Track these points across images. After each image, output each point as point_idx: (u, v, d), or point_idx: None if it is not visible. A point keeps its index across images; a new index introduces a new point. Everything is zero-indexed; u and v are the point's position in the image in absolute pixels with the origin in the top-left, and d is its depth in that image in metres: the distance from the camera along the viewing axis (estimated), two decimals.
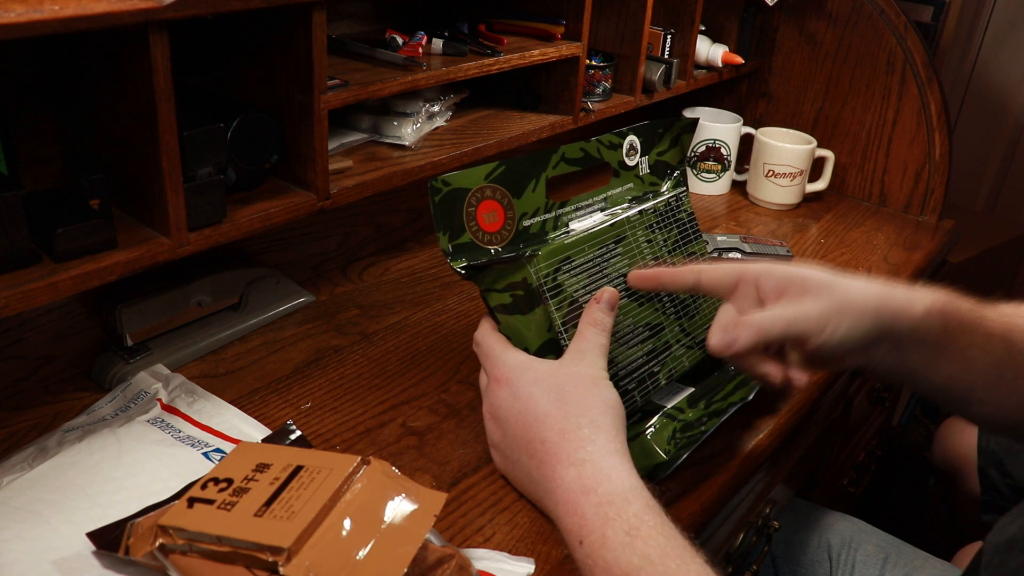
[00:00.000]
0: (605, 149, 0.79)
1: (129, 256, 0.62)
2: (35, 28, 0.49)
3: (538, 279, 0.68)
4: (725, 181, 1.32)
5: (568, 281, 0.69)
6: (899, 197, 1.30)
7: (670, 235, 0.80)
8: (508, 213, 0.71)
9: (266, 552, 0.48)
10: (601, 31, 1.09)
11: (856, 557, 0.97)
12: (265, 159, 0.72)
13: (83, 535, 0.55)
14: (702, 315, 0.78)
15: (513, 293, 0.68)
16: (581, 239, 0.72)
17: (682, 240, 0.81)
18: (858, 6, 1.25)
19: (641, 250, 0.77)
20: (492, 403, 0.65)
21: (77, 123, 0.67)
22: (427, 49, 0.88)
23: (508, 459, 0.65)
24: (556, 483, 0.57)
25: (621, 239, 0.76)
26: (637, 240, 0.77)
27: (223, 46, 0.74)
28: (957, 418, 1.38)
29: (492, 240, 0.69)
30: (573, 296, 0.69)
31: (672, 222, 0.81)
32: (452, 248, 0.67)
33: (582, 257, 0.71)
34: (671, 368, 0.73)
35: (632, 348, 0.71)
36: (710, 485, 0.69)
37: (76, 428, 0.67)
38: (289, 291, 0.89)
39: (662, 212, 0.80)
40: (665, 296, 0.75)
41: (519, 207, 0.72)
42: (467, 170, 0.69)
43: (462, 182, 0.68)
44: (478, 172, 0.70)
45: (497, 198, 0.71)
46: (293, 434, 0.67)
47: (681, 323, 0.76)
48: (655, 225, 0.79)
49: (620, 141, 0.80)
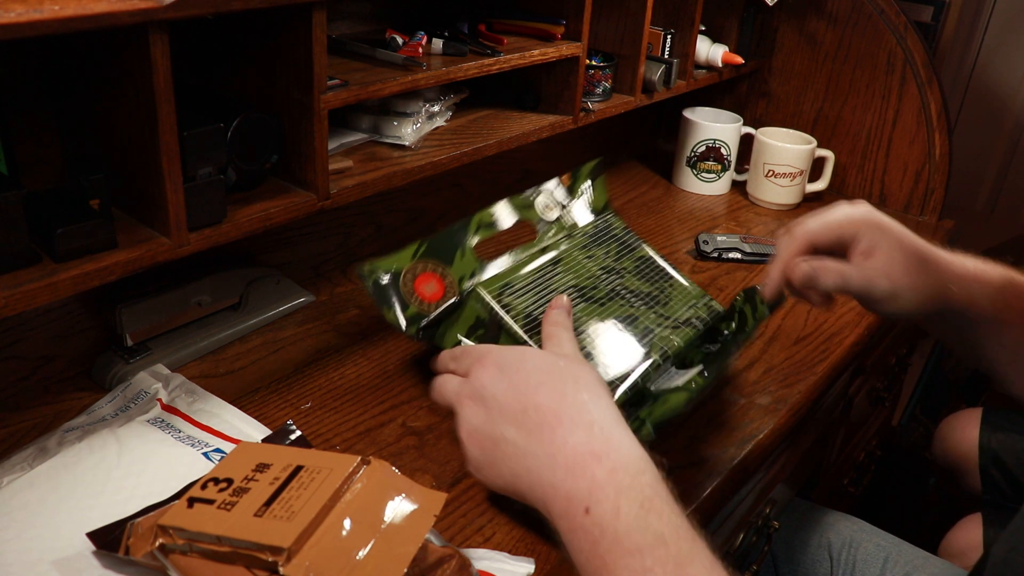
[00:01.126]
0: (522, 209, 0.84)
1: (129, 256, 0.62)
2: (35, 28, 0.49)
3: (488, 308, 0.71)
4: (725, 181, 1.32)
5: (516, 301, 0.72)
6: (899, 197, 1.30)
7: (610, 248, 0.84)
8: (447, 280, 0.76)
9: (266, 552, 0.48)
10: (601, 31, 1.09)
11: (856, 557, 0.97)
12: (265, 159, 0.72)
13: (83, 535, 0.55)
14: (675, 301, 0.80)
15: (476, 335, 0.72)
16: (515, 266, 0.77)
17: (624, 249, 0.85)
18: (858, 6, 1.25)
19: (583, 264, 0.80)
20: (475, 386, 0.59)
21: (77, 123, 0.67)
22: (427, 49, 0.88)
23: (488, 440, 0.57)
24: (558, 446, 0.53)
25: (558, 261, 0.80)
26: (575, 258, 0.81)
27: (223, 46, 0.74)
28: (958, 416, 1.38)
29: (438, 306, 0.73)
30: (527, 312, 0.72)
31: (607, 238, 0.85)
32: (404, 320, 0.72)
33: (522, 282, 0.75)
34: (662, 348, 0.74)
35: (609, 337, 0.72)
36: (710, 485, 0.69)
37: (76, 428, 0.67)
38: (289, 291, 0.89)
39: (591, 234, 0.85)
40: (627, 292, 0.78)
41: (454, 272, 0.76)
42: (393, 255, 0.75)
43: (391, 265, 0.74)
44: (404, 253, 0.75)
45: (430, 269, 0.75)
46: (293, 434, 0.67)
47: (655, 310, 0.78)
48: (590, 244, 0.84)
49: (531, 201, 0.84)
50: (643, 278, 0.82)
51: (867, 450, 1.41)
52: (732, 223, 1.22)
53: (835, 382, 0.90)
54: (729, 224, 1.21)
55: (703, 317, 0.79)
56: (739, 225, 1.21)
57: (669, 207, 1.26)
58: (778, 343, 0.90)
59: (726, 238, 1.10)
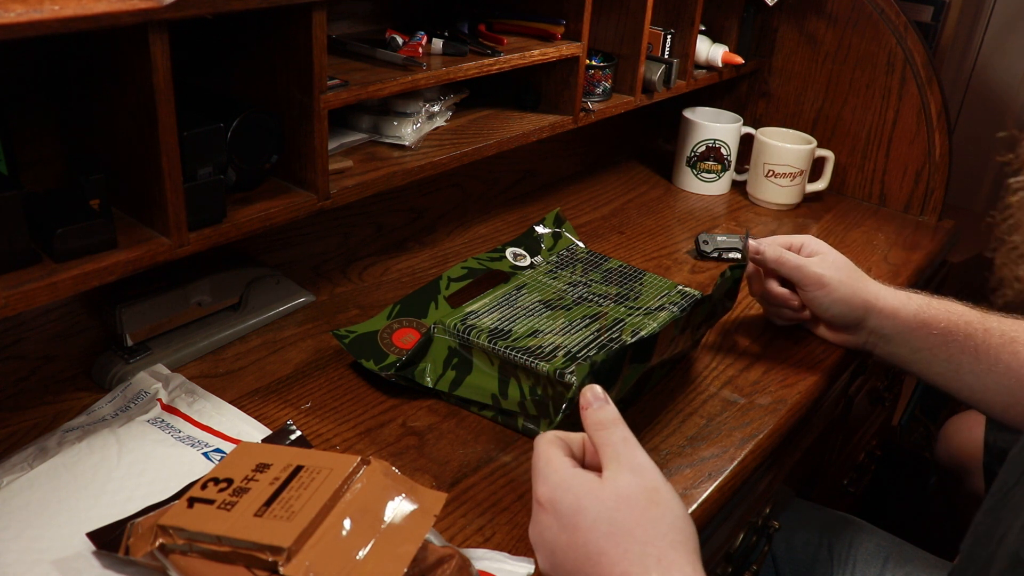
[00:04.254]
0: (490, 262, 0.88)
1: (129, 256, 0.62)
2: (35, 28, 0.49)
3: (455, 336, 0.73)
4: (725, 181, 1.32)
5: (480, 322, 0.74)
6: (899, 197, 1.30)
7: (575, 268, 0.87)
8: (422, 330, 0.80)
9: (266, 552, 0.48)
10: (601, 31, 1.09)
11: (856, 557, 0.97)
12: (265, 159, 0.72)
13: (83, 535, 0.55)
14: (645, 295, 0.82)
15: (452, 364, 0.74)
16: (478, 297, 0.79)
17: (590, 266, 0.87)
18: (858, 6, 1.25)
19: (548, 284, 0.83)
20: (537, 529, 0.54)
21: (77, 123, 0.67)
22: (427, 49, 0.88)
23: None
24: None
25: (523, 286, 0.82)
26: (540, 281, 0.84)
27: (223, 46, 0.74)
28: (962, 416, 1.38)
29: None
30: (491, 328, 0.74)
31: (572, 261, 0.88)
32: (382, 368, 0.75)
33: (486, 309, 0.77)
34: (635, 328, 0.76)
35: (577, 333, 0.74)
36: (710, 485, 0.69)
37: (76, 428, 0.67)
38: (289, 291, 0.89)
39: (555, 261, 0.88)
40: (595, 296, 0.81)
41: (430, 321, 0.80)
42: (367, 320, 0.80)
43: (366, 328, 0.78)
44: (379, 317, 0.81)
45: (405, 325, 0.80)
46: (293, 434, 0.67)
47: (625, 304, 0.80)
48: (555, 269, 0.86)
49: (501, 255, 0.89)
50: (611, 283, 0.84)
51: (867, 450, 1.41)
52: (732, 223, 1.22)
53: (835, 382, 0.89)
54: (729, 224, 1.21)
55: (678, 302, 0.81)
56: (739, 225, 1.21)
57: (669, 207, 1.26)
58: (778, 343, 0.90)
59: (726, 238, 1.10)
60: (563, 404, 0.65)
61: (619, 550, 0.49)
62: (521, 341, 0.71)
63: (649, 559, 0.48)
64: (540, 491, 0.53)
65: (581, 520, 0.50)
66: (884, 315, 0.83)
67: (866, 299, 0.83)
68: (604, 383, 0.61)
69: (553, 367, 0.68)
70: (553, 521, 0.52)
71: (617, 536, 0.49)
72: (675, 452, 0.72)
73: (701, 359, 0.86)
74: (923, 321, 0.81)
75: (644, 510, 0.50)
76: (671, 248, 1.11)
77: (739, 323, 0.93)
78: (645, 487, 0.51)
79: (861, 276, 0.85)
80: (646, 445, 0.73)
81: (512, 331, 0.73)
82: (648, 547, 0.49)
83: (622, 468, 0.52)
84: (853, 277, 0.84)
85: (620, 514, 0.50)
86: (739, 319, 0.94)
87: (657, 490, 0.51)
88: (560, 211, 1.00)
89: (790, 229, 1.21)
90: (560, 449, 0.55)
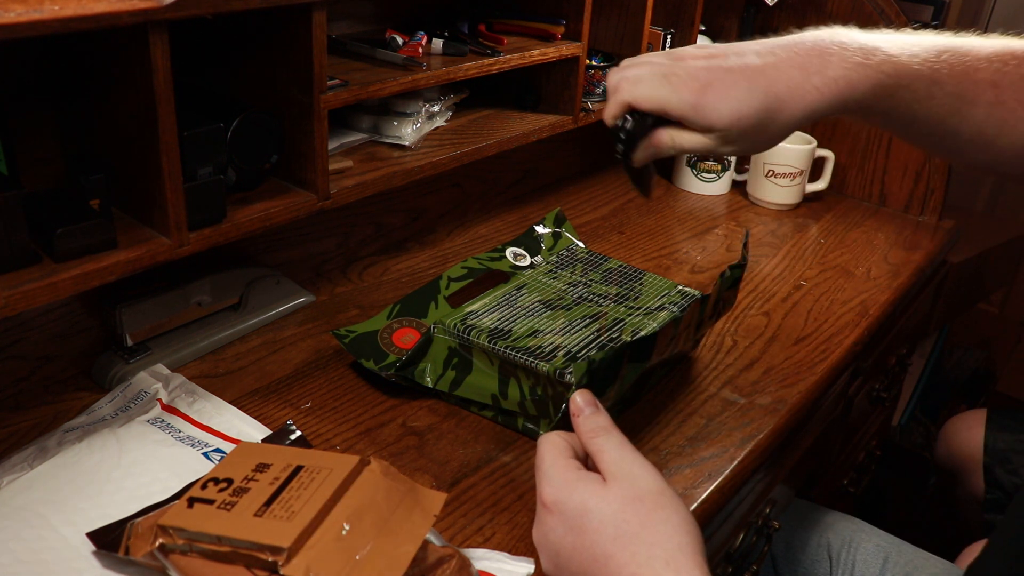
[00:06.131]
0: (490, 262, 0.87)
1: (129, 256, 0.62)
2: (35, 28, 0.49)
3: (455, 336, 0.73)
4: (725, 181, 1.32)
5: (480, 322, 0.74)
6: (899, 197, 1.30)
7: (575, 268, 0.86)
8: (423, 329, 0.80)
9: (266, 552, 0.48)
10: (601, 31, 1.09)
11: (856, 557, 0.97)
12: (265, 159, 0.72)
13: (83, 535, 0.55)
14: (645, 295, 0.82)
15: (452, 366, 0.74)
16: (478, 297, 0.79)
17: (590, 266, 0.87)
18: (858, 6, 1.25)
19: (548, 284, 0.83)
20: (541, 530, 0.53)
21: (77, 123, 0.67)
22: (427, 49, 0.88)
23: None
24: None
25: (523, 286, 0.82)
26: (540, 281, 0.83)
27: (223, 46, 0.74)
28: (962, 417, 1.38)
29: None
30: (491, 328, 0.73)
31: (572, 261, 0.88)
32: (382, 368, 0.75)
33: (486, 309, 0.77)
34: (635, 328, 0.76)
35: (577, 333, 0.74)
36: (710, 485, 0.69)
37: (76, 428, 0.67)
38: (289, 291, 0.89)
39: (555, 262, 0.87)
40: (595, 296, 0.81)
41: (430, 321, 0.80)
42: (367, 321, 0.80)
43: (366, 328, 0.79)
44: (379, 317, 0.81)
45: (405, 325, 0.80)
46: (293, 434, 0.67)
47: (625, 304, 0.80)
48: (555, 269, 0.86)
49: (501, 255, 0.89)
50: (611, 283, 0.84)
51: (867, 450, 1.41)
52: (732, 223, 1.22)
53: (835, 382, 0.89)
54: (729, 224, 1.21)
55: (677, 302, 0.81)
56: (739, 225, 1.21)
57: (669, 207, 1.26)
58: (778, 343, 0.90)
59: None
60: (563, 404, 0.65)
61: (626, 553, 0.49)
62: (521, 341, 0.71)
63: (657, 562, 0.48)
64: (545, 493, 0.53)
65: (587, 522, 0.50)
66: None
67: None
68: (602, 383, 0.61)
69: (553, 367, 0.68)
70: (558, 523, 0.52)
71: (624, 539, 0.49)
72: (675, 452, 0.72)
73: (701, 359, 0.86)
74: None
75: (650, 512, 0.50)
76: (671, 248, 1.11)
77: (739, 323, 0.93)
78: (650, 490, 0.51)
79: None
80: (646, 445, 0.73)
81: (512, 331, 0.73)
82: (655, 549, 0.49)
83: (624, 472, 0.52)
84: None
85: (627, 516, 0.50)
86: (739, 319, 0.94)
87: (662, 493, 0.51)
88: (560, 211, 1.00)
89: (790, 229, 1.21)
90: (564, 450, 0.55)
